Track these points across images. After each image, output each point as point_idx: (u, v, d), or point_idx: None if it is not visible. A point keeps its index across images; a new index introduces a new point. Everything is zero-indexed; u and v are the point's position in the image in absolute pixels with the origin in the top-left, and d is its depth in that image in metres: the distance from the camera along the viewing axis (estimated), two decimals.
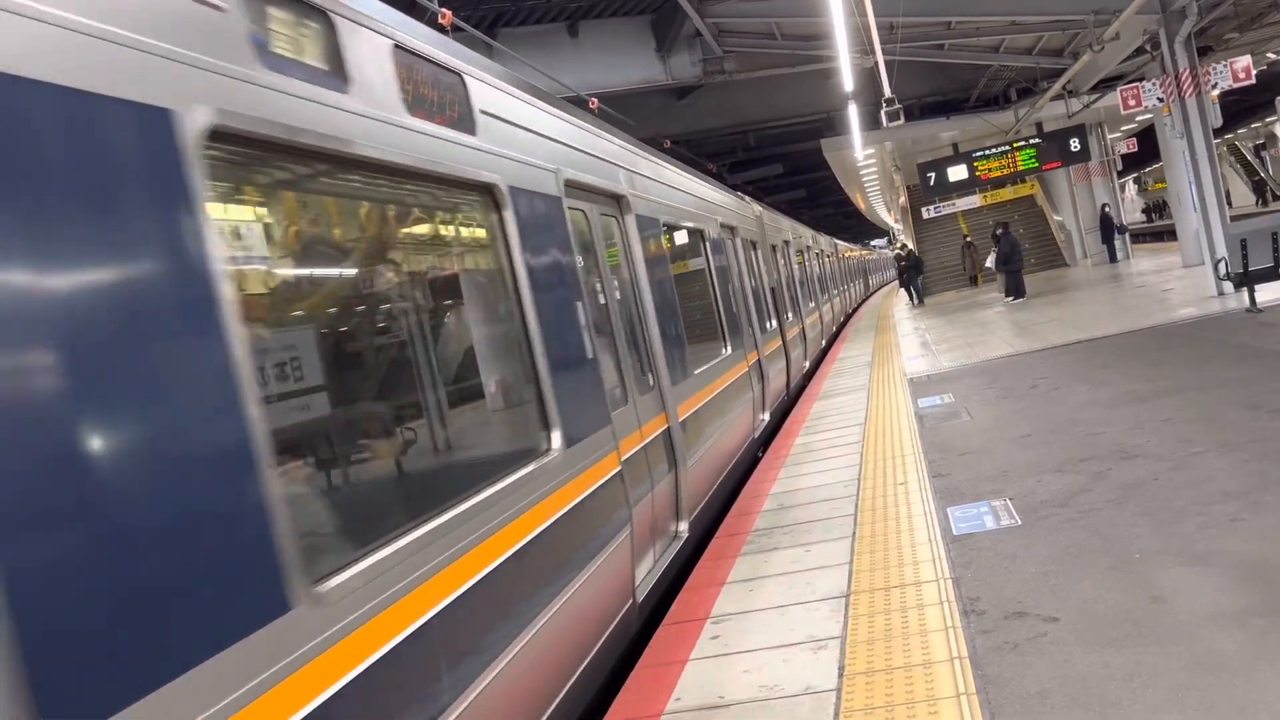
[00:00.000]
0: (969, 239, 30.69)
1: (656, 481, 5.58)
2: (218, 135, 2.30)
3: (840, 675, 3.82)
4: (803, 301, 17.10)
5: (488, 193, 3.97)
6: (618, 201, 6.18)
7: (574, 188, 5.14)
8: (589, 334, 4.73)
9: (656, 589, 5.28)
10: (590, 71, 17.21)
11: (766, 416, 10.52)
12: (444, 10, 6.78)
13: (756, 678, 3.97)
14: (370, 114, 3.06)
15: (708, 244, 9.07)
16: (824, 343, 20.46)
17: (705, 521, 6.88)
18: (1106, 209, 29.99)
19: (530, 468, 3.74)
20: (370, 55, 3.17)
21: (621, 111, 13.31)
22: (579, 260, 4.89)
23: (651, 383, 6.03)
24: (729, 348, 8.88)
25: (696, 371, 7.11)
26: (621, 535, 4.64)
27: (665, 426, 6.01)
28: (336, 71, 2.95)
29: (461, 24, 7.57)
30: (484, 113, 4.04)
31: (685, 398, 6.55)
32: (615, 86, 17.68)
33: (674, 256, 7.67)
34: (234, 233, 2.55)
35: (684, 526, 6.19)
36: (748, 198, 14.86)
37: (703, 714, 3.75)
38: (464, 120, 3.83)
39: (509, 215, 4.05)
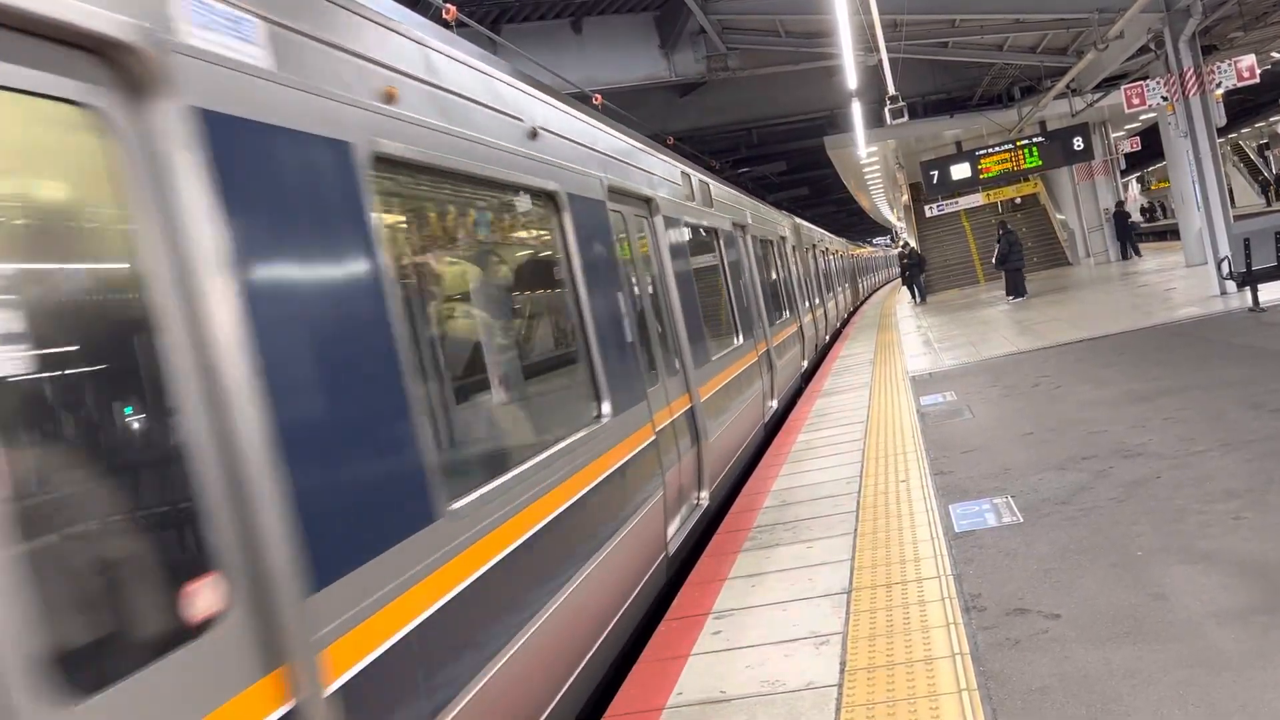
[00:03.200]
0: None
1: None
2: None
3: (842, 671, 3.83)
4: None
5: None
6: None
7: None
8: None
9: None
10: (594, 68, 17.22)
11: (775, 404, 11.28)
12: (448, 5, 6.78)
13: (758, 673, 3.98)
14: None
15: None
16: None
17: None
18: (1122, 205, 29.99)
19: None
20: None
21: (625, 108, 13.33)
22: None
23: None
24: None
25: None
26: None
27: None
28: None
29: (466, 19, 7.57)
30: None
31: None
32: (619, 83, 17.69)
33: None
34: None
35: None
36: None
37: (704, 709, 3.76)
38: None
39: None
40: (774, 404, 11.02)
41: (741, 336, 9.60)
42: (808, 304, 17.07)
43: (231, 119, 2.40)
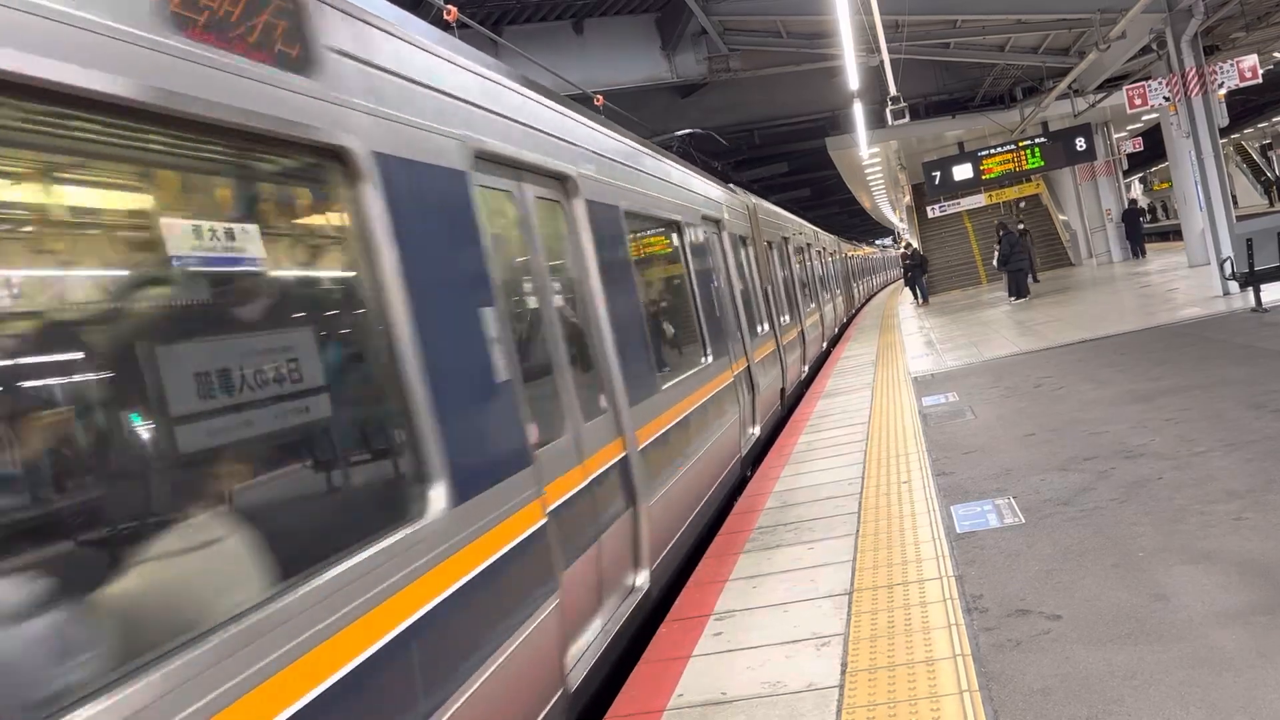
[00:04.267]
0: (1022, 225, 28.37)
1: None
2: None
3: (843, 672, 3.83)
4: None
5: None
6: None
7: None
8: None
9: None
10: (595, 69, 17.23)
11: (757, 430, 9.45)
12: (449, 7, 6.78)
13: (759, 674, 3.98)
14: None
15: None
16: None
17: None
18: (1134, 204, 29.96)
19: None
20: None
21: (626, 109, 13.33)
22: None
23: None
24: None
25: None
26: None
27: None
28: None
29: (467, 20, 7.57)
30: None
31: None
32: (620, 84, 17.69)
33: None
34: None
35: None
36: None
37: (705, 710, 3.76)
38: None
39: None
40: (755, 431, 9.37)
41: (711, 354, 7.80)
42: (763, 329, 11.37)
43: None
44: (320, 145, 2.84)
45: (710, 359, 7.76)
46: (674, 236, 7.74)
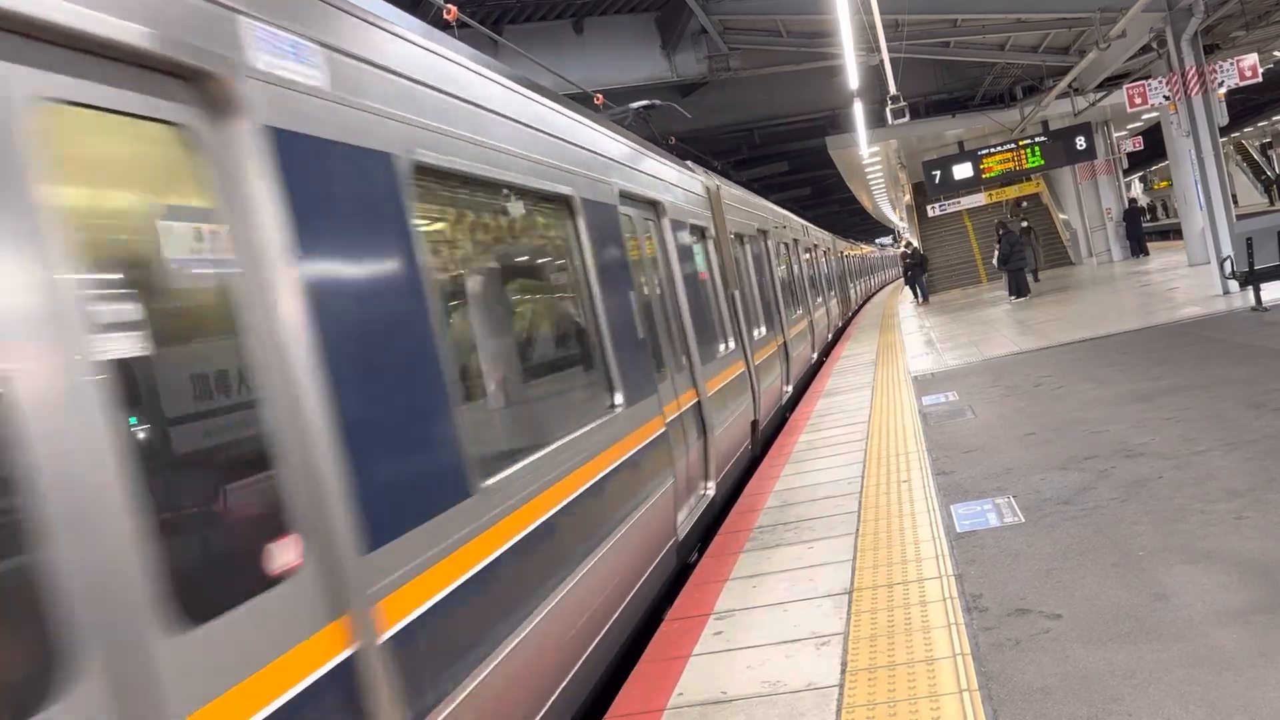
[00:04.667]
0: (1026, 223, 28.23)
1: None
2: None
3: (843, 671, 3.83)
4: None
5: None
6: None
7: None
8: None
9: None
10: (595, 68, 17.23)
11: (712, 489, 7.39)
12: (449, 6, 6.78)
13: (759, 673, 3.98)
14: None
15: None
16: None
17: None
18: (1135, 202, 29.97)
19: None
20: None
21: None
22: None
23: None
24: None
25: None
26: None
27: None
28: None
29: (467, 20, 7.57)
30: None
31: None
32: (620, 83, 17.69)
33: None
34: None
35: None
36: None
37: (705, 709, 3.76)
38: None
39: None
40: (710, 489, 7.09)
41: (616, 405, 5.16)
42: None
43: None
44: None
45: (609, 418, 4.96)
46: (544, 219, 5.02)
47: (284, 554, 2.39)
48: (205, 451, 2.32)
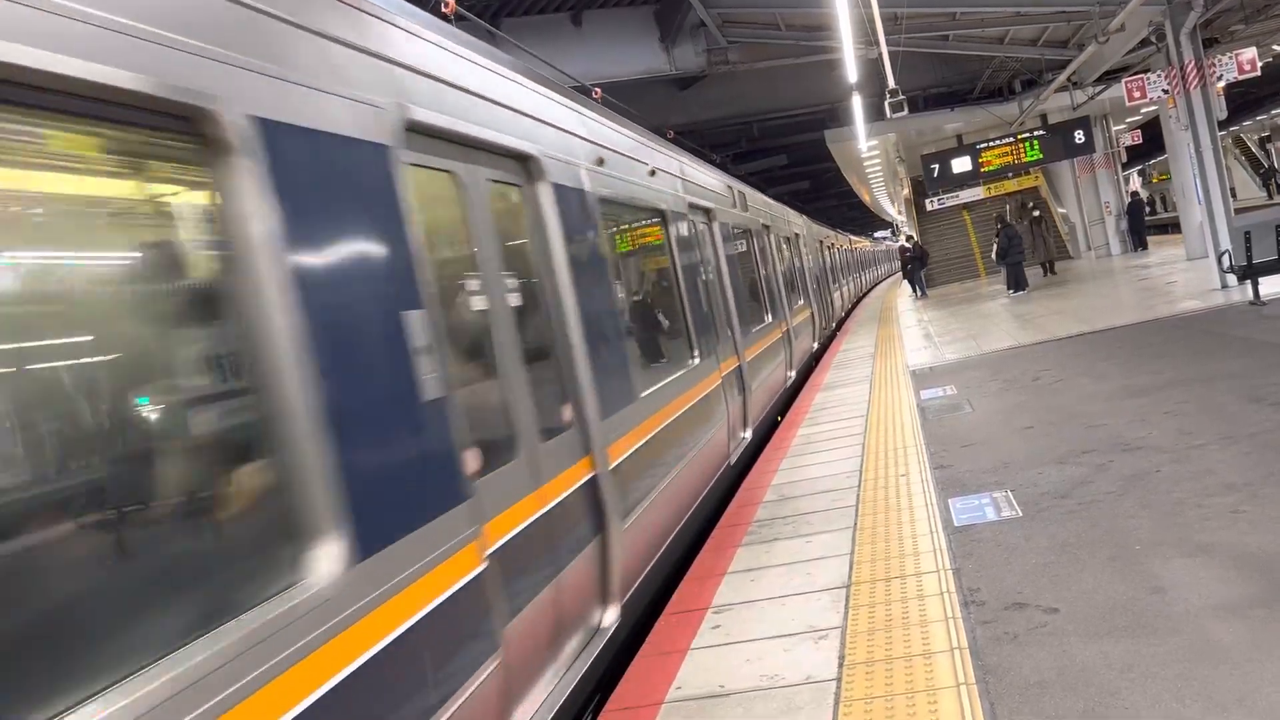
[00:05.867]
0: (1036, 212, 27.86)
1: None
2: None
3: (840, 665, 3.84)
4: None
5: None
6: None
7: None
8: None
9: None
10: (594, 62, 17.18)
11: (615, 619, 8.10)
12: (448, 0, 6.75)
13: (757, 667, 3.99)
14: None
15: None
16: (790, 374, 13.91)
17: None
18: (1137, 196, 29.95)
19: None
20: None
21: (625, 102, 13.28)
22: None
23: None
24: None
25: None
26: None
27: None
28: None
29: (465, 13, 7.55)
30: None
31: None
32: (619, 77, 17.64)
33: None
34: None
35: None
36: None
37: (703, 703, 3.77)
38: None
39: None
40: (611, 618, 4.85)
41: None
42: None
43: None
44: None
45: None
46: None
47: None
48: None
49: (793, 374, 12.99)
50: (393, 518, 2.72)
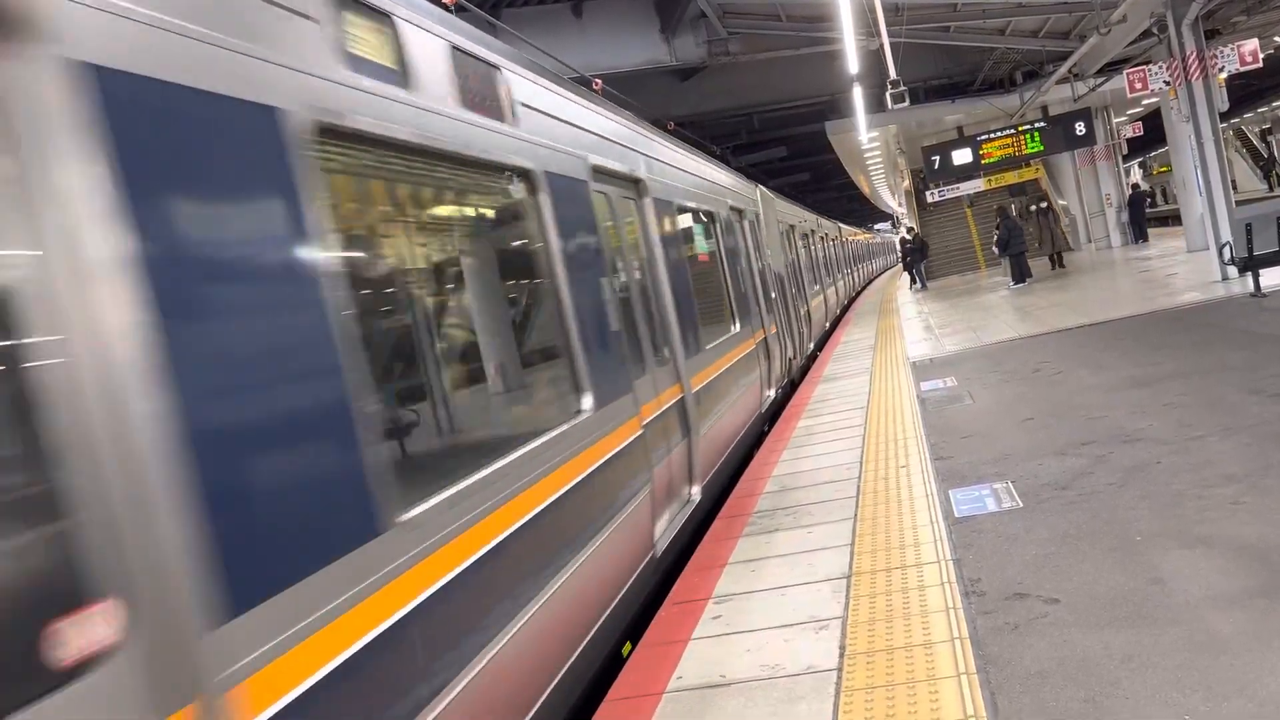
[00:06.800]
0: (1045, 203, 27.51)
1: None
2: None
3: (841, 655, 3.85)
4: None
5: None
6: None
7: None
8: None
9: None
10: (594, 53, 17.14)
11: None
12: None
13: (758, 657, 4.00)
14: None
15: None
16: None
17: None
18: (1138, 188, 29.90)
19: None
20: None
21: (625, 93, 13.26)
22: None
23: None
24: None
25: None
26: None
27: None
28: None
29: (465, 4, 7.53)
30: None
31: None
32: (619, 68, 17.61)
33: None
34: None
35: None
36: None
37: (704, 693, 3.78)
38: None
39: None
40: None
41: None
42: None
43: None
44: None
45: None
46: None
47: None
48: None
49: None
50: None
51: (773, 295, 12.00)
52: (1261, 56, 15.64)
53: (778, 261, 13.36)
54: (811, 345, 16.17)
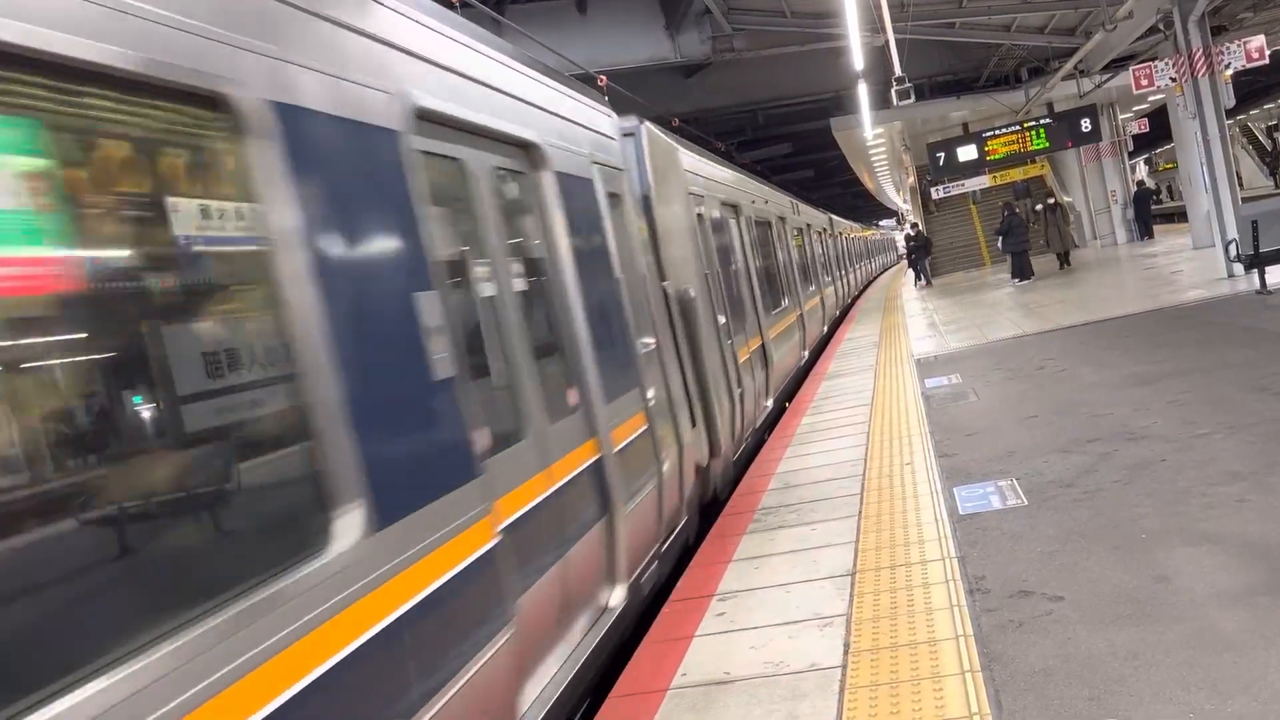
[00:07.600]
0: (1051, 199, 27.10)
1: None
2: None
3: (845, 652, 3.85)
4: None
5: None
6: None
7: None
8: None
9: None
10: (598, 49, 17.12)
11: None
12: None
13: (762, 654, 4.01)
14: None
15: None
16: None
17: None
18: (1143, 184, 29.82)
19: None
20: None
21: (629, 89, 13.26)
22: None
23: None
24: None
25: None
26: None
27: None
28: None
29: (471, 0, 7.53)
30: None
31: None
32: (623, 64, 17.58)
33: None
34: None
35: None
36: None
37: (708, 690, 3.78)
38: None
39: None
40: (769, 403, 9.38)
41: None
42: None
43: None
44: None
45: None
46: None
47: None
48: None
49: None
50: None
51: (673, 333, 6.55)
52: (1268, 53, 15.61)
53: (688, 270, 7.20)
54: (769, 402, 10.30)
